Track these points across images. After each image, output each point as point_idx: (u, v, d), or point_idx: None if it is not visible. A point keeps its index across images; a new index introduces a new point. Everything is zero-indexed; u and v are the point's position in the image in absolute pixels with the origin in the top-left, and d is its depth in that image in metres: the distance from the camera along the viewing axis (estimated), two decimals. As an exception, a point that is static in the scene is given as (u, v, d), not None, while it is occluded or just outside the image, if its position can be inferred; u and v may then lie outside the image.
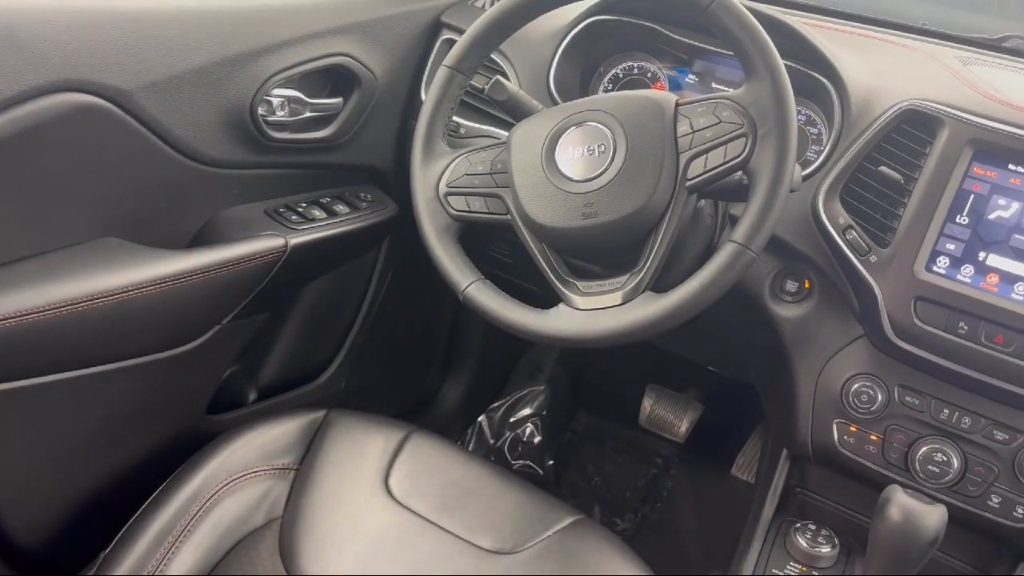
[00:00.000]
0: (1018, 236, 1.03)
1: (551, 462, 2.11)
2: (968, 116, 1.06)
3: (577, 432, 2.20)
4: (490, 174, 1.08)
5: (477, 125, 1.39)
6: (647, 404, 2.07)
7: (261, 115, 1.22)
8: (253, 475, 1.17)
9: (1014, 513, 1.07)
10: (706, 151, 0.97)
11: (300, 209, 1.34)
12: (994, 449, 1.08)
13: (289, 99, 1.26)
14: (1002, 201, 1.04)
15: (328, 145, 1.34)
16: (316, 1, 1.29)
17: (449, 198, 1.08)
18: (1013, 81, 1.19)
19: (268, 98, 1.23)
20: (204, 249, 1.17)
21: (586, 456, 2.15)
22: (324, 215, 1.35)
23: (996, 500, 1.08)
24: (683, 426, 2.04)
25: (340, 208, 1.39)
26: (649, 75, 1.39)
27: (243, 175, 1.27)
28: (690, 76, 1.38)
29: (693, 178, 0.98)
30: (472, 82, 1.24)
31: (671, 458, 2.09)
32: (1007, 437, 1.07)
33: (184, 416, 1.34)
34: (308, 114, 1.29)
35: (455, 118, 1.38)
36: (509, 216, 1.06)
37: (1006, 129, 1.04)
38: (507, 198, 1.06)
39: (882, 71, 1.19)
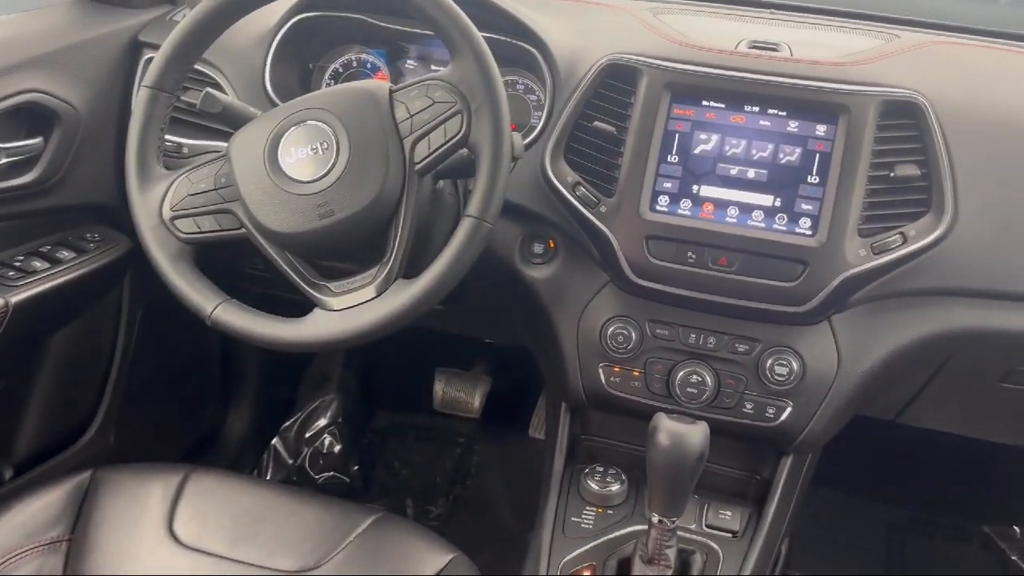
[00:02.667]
0: (722, 165, 1.13)
1: (356, 467, 2.08)
2: (661, 62, 1.15)
3: (377, 431, 2.19)
4: (215, 190, 1.04)
5: (200, 142, 1.33)
6: (439, 388, 2.09)
7: None
8: (20, 556, 1.07)
9: (766, 414, 1.18)
10: (427, 133, 0.99)
11: (17, 263, 1.23)
12: (739, 361, 1.18)
13: (-25, 148, 1.14)
14: (703, 136, 1.14)
15: (36, 190, 1.24)
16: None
17: (176, 222, 1.03)
18: (698, 25, 1.30)
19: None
20: None
21: (390, 452, 2.15)
22: (47, 265, 1.24)
23: (750, 407, 1.18)
24: (476, 402, 2.08)
25: (64, 254, 1.28)
26: (369, 66, 1.39)
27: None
28: (409, 62, 1.39)
29: (421, 161, 1.00)
30: (185, 98, 1.19)
31: (472, 435, 2.13)
32: (748, 347, 1.17)
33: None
34: (3, 160, 1.18)
35: (175, 138, 1.31)
36: (244, 230, 1.03)
37: (695, 70, 1.14)
38: (238, 211, 1.02)
39: (583, 32, 1.26)
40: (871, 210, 1.09)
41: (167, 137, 1.13)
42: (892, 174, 1.09)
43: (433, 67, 1.37)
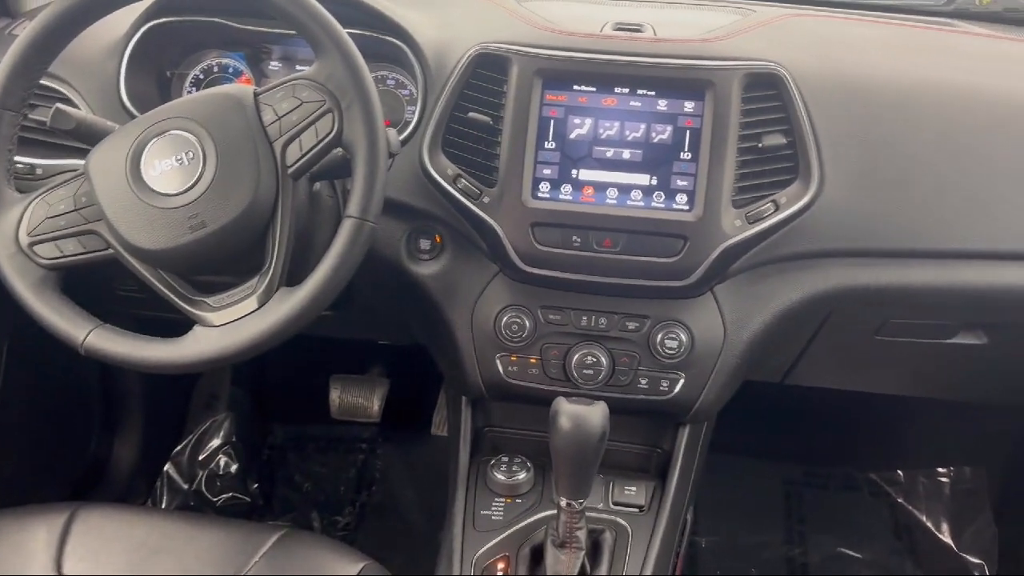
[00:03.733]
0: (598, 148, 1.15)
1: (256, 485, 2.02)
2: (531, 49, 1.15)
3: (275, 446, 2.13)
4: (76, 210, 0.98)
5: (55, 161, 1.25)
6: (335, 395, 2.05)
7: None
8: None
9: (661, 388, 1.20)
10: (298, 134, 0.96)
11: None
12: (631, 339, 1.20)
13: None
14: (577, 120, 1.15)
15: None
16: None
17: (35, 248, 0.97)
18: (563, 10, 1.30)
19: None
20: None
21: (291, 466, 2.10)
22: None
23: (644, 382, 1.20)
24: (375, 405, 2.04)
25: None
26: (231, 71, 1.34)
27: None
28: (273, 64, 1.35)
29: (293, 164, 0.97)
30: (33, 116, 1.12)
31: (373, 440, 2.10)
32: (638, 325, 1.19)
33: None
34: None
35: (26, 159, 1.23)
36: (111, 250, 0.98)
37: (564, 55, 1.14)
38: (103, 231, 0.97)
39: (449, 23, 1.25)
40: (743, 181, 1.13)
41: (17, 159, 1.06)
42: (760, 145, 1.13)
43: (298, 67, 1.33)
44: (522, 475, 1.23)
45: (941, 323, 1.35)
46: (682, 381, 1.19)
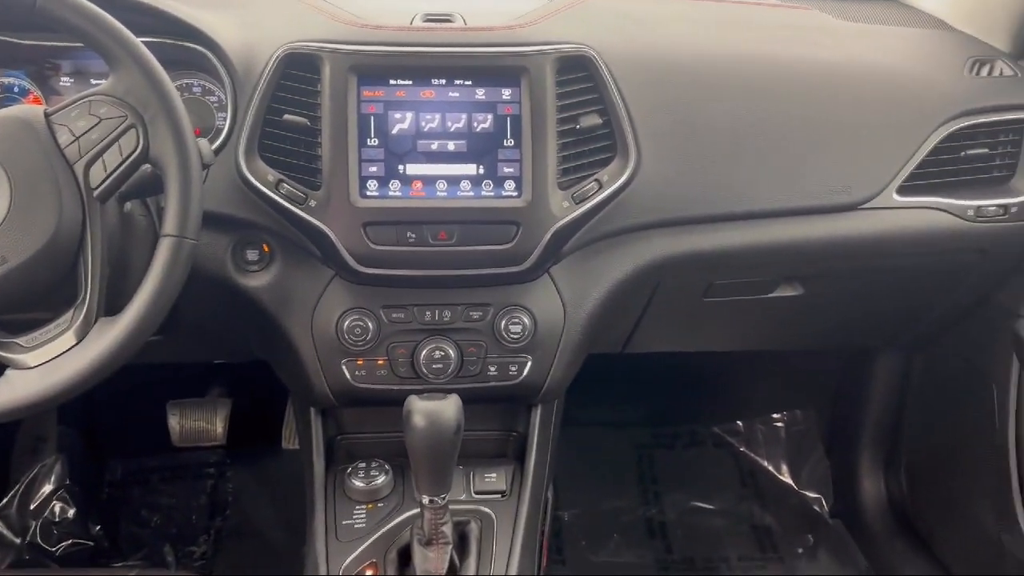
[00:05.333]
0: (422, 141, 1.14)
1: (98, 527, 1.90)
2: (342, 46, 1.12)
3: (115, 483, 2.01)
4: None
5: None
6: (174, 422, 1.95)
7: None
8: None
9: (510, 373, 1.21)
10: (100, 154, 0.90)
11: None
12: (476, 328, 1.20)
13: None
14: (397, 115, 1.13)
15: None
16: None
17: None
18: (370, 3, 1.28)
19: None
20: None
21: (135, 502, 1.98)
22: None
23: (494, 369, 1.21)
24: (219, 427, 1.96)
25: None
26: (16, 90, 1.24)
27: None
28: (63, 80, 1.25)
29: (99, 185, 0.91)
30: None
31: (221, 463, 2.01)
32: (482, 313, 1.20)
33: None
34: None
35: None
36: None
37: (377, 50, 1.13)
38: None
39: (252, 23, 1.20)
40: (566, 163, 1.15)
41: None
42: (578, 126, 1.15)
43: (93, 81, 1.24)
44: (381, 479, 1.21)
45: (761, 279, 1.43)
46: (530, 363, 1.21)
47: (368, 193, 1.13)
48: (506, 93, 1.14)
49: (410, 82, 1.13)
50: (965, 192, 1.33)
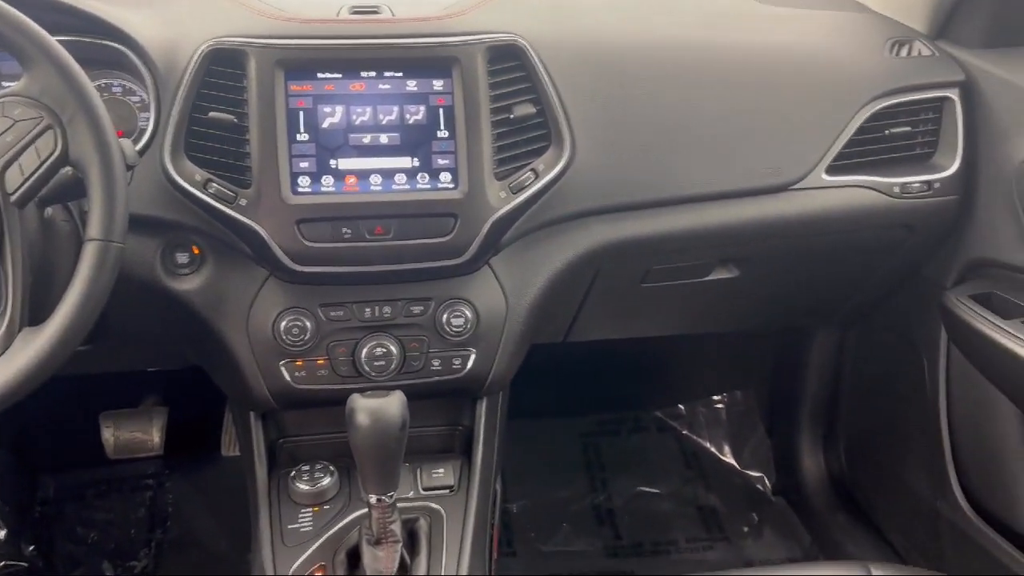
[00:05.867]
0: (354, 135, 1.12)
1: (32, 547, 1.83)
2: (267, 40, 1.10)
3: (48, 500, 1.94)
4: None
5: None
6: (108, 434, 1.89)
7: None
8: None
9: (454, 366, 1.20)
10: (15, 157, 0.86)
11: None
12: (418, 323, 1.19)
13: None
14: (327, 109, 1.11)
15: None
16: None
17: None
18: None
19: None
20: None
21: (70, 519, 1.91)
22: None
23: (437, 363, 1.20)
24: (155, 437, 1.91)
25: None
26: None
27: None
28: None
29: (15, 190, 0.87)
30: None
31: (159, 473, 1.96)
32: (423, 308, 1.18)
33: None
34: None
35: None
36: None
37: (303, 43, 1.11)
38: None
39: (172, 20, 1.17)
40: (501, 153, 1.15)
41: None
42: (512, 116, 1.15)
43: (4, 83, 1.19)
44: (326, 480, 1.19)
45: (698, 263, 1.45)
46: (473, 356, 1.20)
47: (300, 189, 1.10)
48: (438, 84, 1.13)
49: (339, 75, 1.11)
50: (891, 170, 1.37)
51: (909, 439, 1.65)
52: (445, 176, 1.13)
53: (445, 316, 1.18)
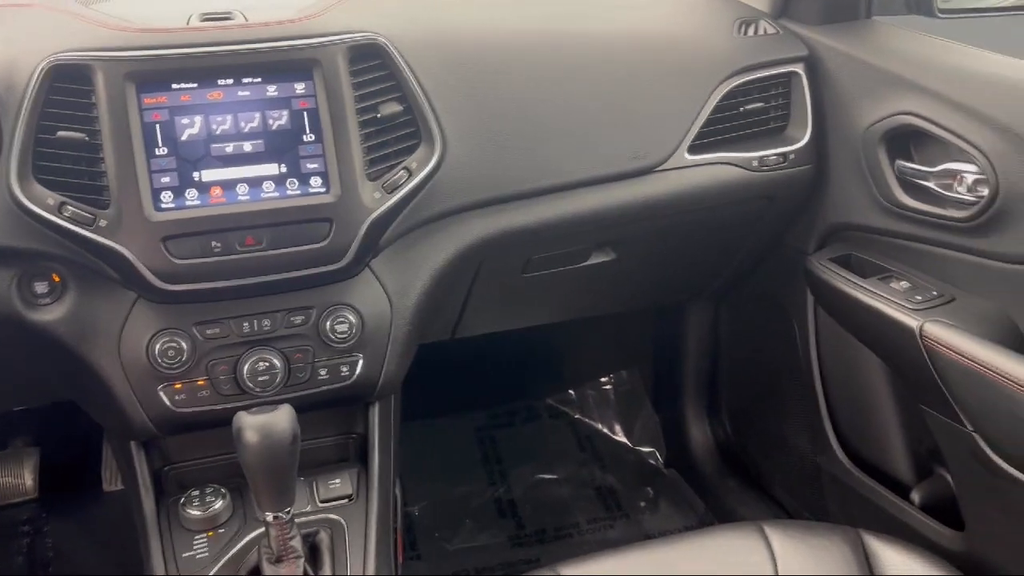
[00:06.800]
0: (215, 145, 1.08)
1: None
2: (113, 53, 1.05)
3: (-88, 562, 1.80)
4: None
5: None
6: (-25, 482, 1.77)
7: None
8: None
9: (342, 374, 1.18)
10: None
11: None
12: (300, 333, 1.16)
13: None
14: (185, 120, 1.07)
15: None
16: None
17: None
18: (138, 8, 1.20)
19: None
20: None
21: (-61, 578, 1.78)
22: None
23: (324, 373, 1.17)
24: (28, 480, 1.80)
25: None
26: None
27: None
28: None
29: None
30: None
31: (36, 517, 1.85)
32: (304, 317, 1.16)
33: None
34: None
35: None
36: None
37: (153, 54, 1.06)
38: None
39: (12, 39, 1.10)
40: (372, 153, 1.13)
41: None
42: (379, 115, 1.14)
43: None
44: (218, 503, 1.15)
45: (576, 249, 1.48)
46: (361, 361, 1.19)
47: (163, 205, 1.06)
48: (299, 87, 1.10)
49: (195, 85, 1.07)
50: (749, 145, 1.43)
51: (788, 401, 1.74)
52: (315, 180, 1.11)
53: (328, 323, 1.16)
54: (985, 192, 1.20)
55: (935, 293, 1.29)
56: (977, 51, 1.30)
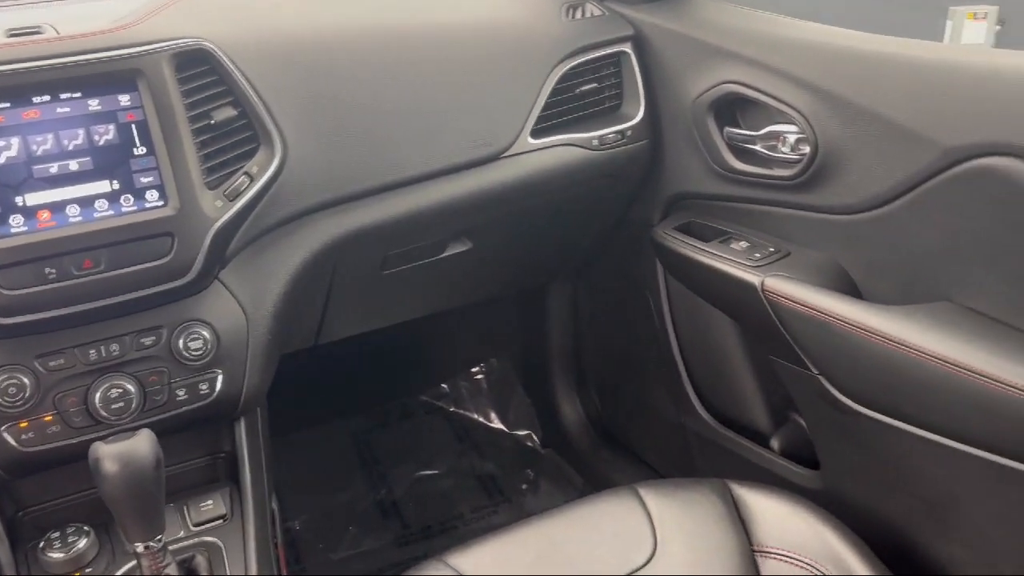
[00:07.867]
0: (38, 167, 1.02)
1: None
2: None
3: None
4: None
5: None
6: None
7: None
8: None
9: (201, 392, 1.14)
10: None
11: None
12: (153, 355, 1.11)
13: None
14: (1, 143, 1.01)
15: None
16: None
17: None
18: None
19: None
20: None
21: None
22: None
23: (183, 393, 1.13)
24: None
25: None
26: None
27: None
28: None
29: None
30: None
31: None
32: (155, 338, 1.11)
33: None
34: None
35: None
36: None
37: None
38: None
39: None
40: (209, 161, 1.10)
41: None
42: (213, 121, 1.10)
43: None
44: (82, 542, 1.09)
45: (432, 242, 1.48)
46: (220, 377, 1.15)
47: None
48: (124, 99, 1.06)
49: (7, 104, 1.01)
50: (588, 125, 1.47)
51: (650, 369, 1.80)
52: (151, 194, 1.06)
53: (181, 342, 1.12)
54: (807, 150, 1.28)
55: (772, 250, 1.37)
56: (789, 20, 1.39)
